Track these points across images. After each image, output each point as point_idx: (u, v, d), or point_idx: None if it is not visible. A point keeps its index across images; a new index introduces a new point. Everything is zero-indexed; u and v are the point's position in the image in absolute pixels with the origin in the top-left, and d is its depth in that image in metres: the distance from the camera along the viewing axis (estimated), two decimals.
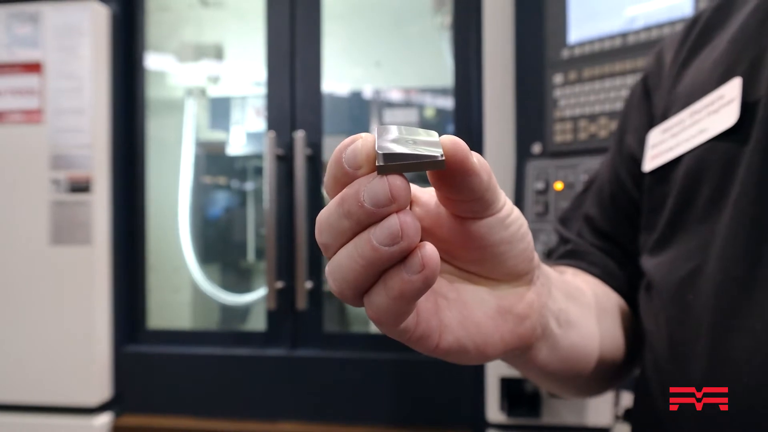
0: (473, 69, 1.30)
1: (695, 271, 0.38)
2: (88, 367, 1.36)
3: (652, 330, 0.42)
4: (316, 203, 1.39)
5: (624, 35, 1.00)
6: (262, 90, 1.87)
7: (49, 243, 1.35)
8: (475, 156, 0.26)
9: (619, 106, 1.00)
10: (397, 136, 0.25)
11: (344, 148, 0.25)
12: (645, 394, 0.43)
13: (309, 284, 1.37)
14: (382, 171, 0.23)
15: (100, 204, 1.36)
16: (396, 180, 0.23)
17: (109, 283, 1.39)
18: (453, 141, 0.25)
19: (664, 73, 0.52)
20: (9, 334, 1.36)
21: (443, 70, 1.74)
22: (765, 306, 0.33)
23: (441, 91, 1.74)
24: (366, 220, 0.24)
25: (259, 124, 1.87)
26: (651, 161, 0.47)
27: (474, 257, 0.30)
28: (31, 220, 1.35)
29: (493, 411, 1.18)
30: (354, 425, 1.31)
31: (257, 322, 1.99)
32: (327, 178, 0.26)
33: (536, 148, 1.11)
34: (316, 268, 1.39)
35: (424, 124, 1.77)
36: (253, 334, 1.43)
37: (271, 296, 1.35)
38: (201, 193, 1.90)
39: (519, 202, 1.13)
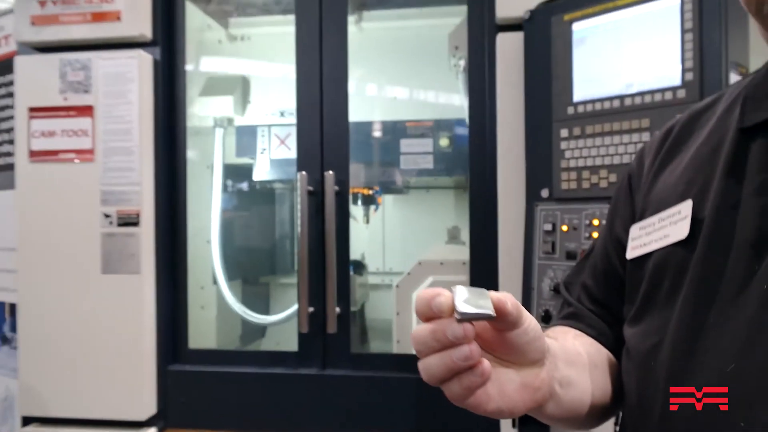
0: (487, 113, 1.50)
1: (657, 345, 0.57)
2: (137, 385, 1.57)
3: (627, 384, 0.62)
4: (343, 234, 1.59)
5: (621, 98, 1.20)
6: (286, 119, 2.08)
7: (101, 272, 1.56)
8: (510, 303, 0.46)
9: (617, 160, 1.20)
10: (467, 297, 0.45)
11: (431, 298, 0.46)
12: (623, 428, 0.63)
13: (338, 309, 1.57)
14: (459, 320, 0.44)
15: (146, 236, 1.57)
16: (468, 326, 0.45)
17: (154, 308, 1.60)
18: (499, 300, 0.46)
19: (642, 177, 0.71)
20: (66, 355, 1.57)
21: (457, 104, 1.95)
22: (698, 376, 0.53)
23: (456, 122, 1.93)
24: (449, 344, 0.45)
25: (282, 152, 2.07)
26: (631, 251, 0.67)
27: (507, 352, 0.51)
28: (85, 250, 1.56)
29: (506, 427, 1.38)
30: None
31: (274, 337, 2.21)
32: (419, 309, 0.46)
33: (544, 192, 1.32)
34: (344, 295, 1.60)
35: (439, 152, 1.96)
36: (286, 354, 1.64)
37: (303, 320, 1.56)
38: (227, 216, 2.10)
39: (529, 241, 1.33)
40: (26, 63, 1.59)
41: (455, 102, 2.01)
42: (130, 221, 1.55)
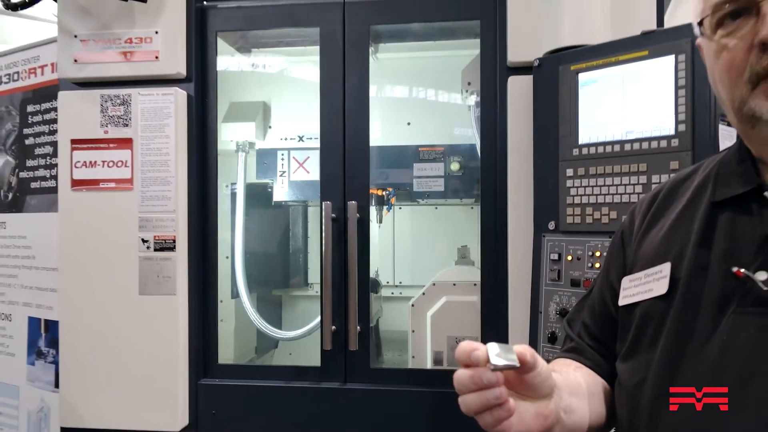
0: (498, 146, 1.64)
1: (641, 381, 0.72)
2: (171, 398, 1.70)
3: (619, 411, 0.77)
4: (364, 258, 1.73)
5: (622, 143, 1.34)
6: (304, 143, 2.22)
7: (138, 293, 1.70)
8: (529, 355, 0.61)
9: (617, 199, 1.35)
10: (498, 352, 0.60)
11: (471, 351, 0.60)
12: None
13: (358, 328, 1.71)
14: (493, 370, 0.58)
15: (181, 260, 1.70)
16: (499, 374, 0.59)
17: (187, 327, 1.73)
18: (522, 354, 0.60)
19: (633, 234, 0.85)
20: (103, 370, 1.71)
21: (467, 130, 2.09)
22: (673, 412, 0.67)
23: (467, 148, 2.07)
24: (484, 387, 0.60)
25: (301, 174, 2.21)
26: (622, 299, 0.81)
27: (525, 389, 0.65)
28: (124, 273, 1.70)
29: None
30: None
31: (287, 349, 2.34)
32: (460, 358, 0.61)
33: (551, 225, 1.46)
34: (364, 314, 1.73)
35: (450, 176, 2.10)
36: (309, 368, 1.78)
37: (327, 338, 1.70)
38: (248, 232, 2.23)
39: (536, 268, 1.47)
40: (69, 98, 1.73)
41: (466, 128, 2.14)
42: (166, 246, 1.68)
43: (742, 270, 0.66)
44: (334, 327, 1.71)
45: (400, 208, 2.48)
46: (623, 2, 1.49)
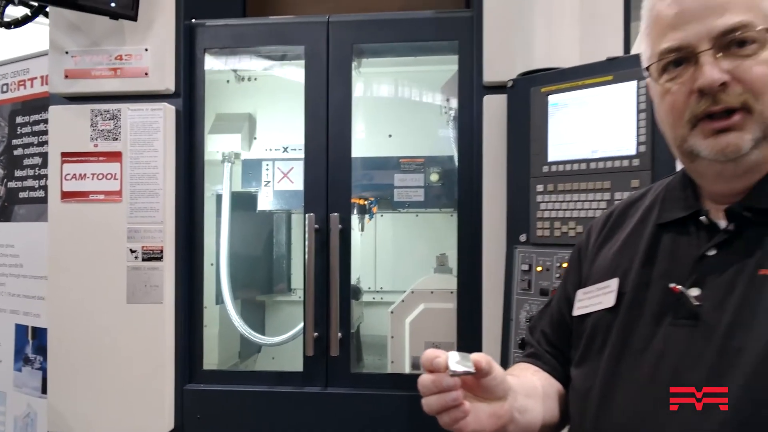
0: (474, 160, 1.72)
1: (590, 387, 0.80)
2: (157, 403, 1.76)
3: (572, 412, 0.85)
4: (346, 267, 1.80)
5: (588, 161, 1.43)
6: (288, 154, 2.29)
7: (126, 302, 1.75)
8: (484, 362, 0.69)
9: (583, 214, 1.44)
10: (458, 359, 0.68)
11: (433, 358, 0.69)
12: None
13: (339, 334, 1.78)
14: (451, 376, 0.67)
15: (168, 270, 1.76)
16: (457, 379, 0.68)
17: (173, 334, 1.79)
18: (477, 361, 0.69)
19: (588, 250, 0.94)
20: (91, 376, 1.76)
21: (447, 142, 2.17)
22: (615, 413, 0.75)
23: (446, 159, 2.15)
24: (444, 390, 0.68)
25: (285, 184, 2.28)
26: (576, 310, 0.90)
27: (482, 391, 0.74)
28: (112, 282, 1.75)
29: None
30: None
31: (269, 353, 2.40)
32: (424, 365, 0.70)
33: (522, 237, 1.54)
34: (345, 320, 1.81)
35: (429, 186, 2.19)
36: (292, 374, 1.84)
37: (309, 344, 1.77)
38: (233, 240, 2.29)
39: (508, 278, 1.56)
40: (59, 112, 1.78)
41: (446, 141, 2.23)
42: (154, 256, 1.74)
43: (678, 286, 0.75)
44: (316, 333, 1.78)
45: (382, 215, 2.55)
46: (592, 29, 1.59)
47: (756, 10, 0.71)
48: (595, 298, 0.87)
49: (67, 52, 1.76)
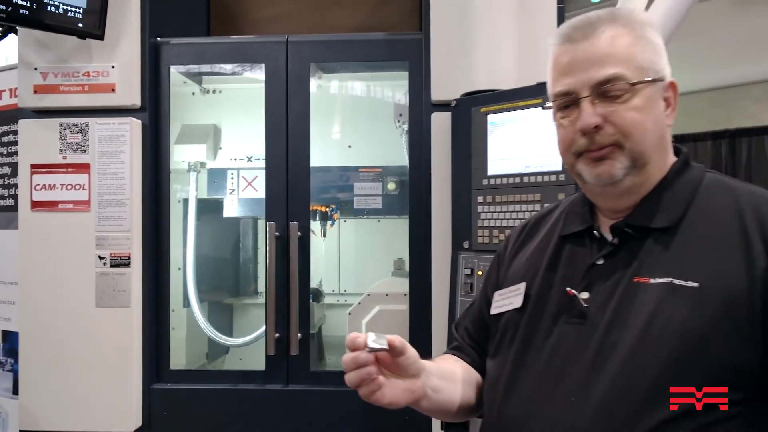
0: (423, 173, 1.86)
1: (499, 377, 0.94)
2: (126, 401, 1.86)
3: (484, 399, 0.99)
4: (305, 271, 1.93)
5: (521, 176, 1.58)
6: (253, 164, 2.40)
7: (95, 305, 1.84)
8: (397, 341, 0.83)
9: (518, 223, 1.58)
10: (374, 339, 0.82)
11: (354, 338, 0.83)
12: (483, 423, 1.01)
13: (299, 335, 1.90)
14: (369, 352, 0.82)
15: (135, 275, 1.86)
16: (372, 355, 0.82)
17: (141, 336, 1.89)
18: (391, 340, 0.83)
19: (505, 257, 1.09)
20: (64, 376, 1.85)
21: (403, 155, 2.31)
22: (516, 400, 0.89)
23: (402, 169, 2.29)
24: (361, 365, 0.82)
25: (249, 192, 2.39)
26: (492, 310, 1.04)
27: (397, 369, 0.87)
28: (81, 287, 1.85)
29: (436, 429, 1.75)
30: None
31: (237, 354, 2.51)
32: (347, 344, 0.83)
33: (466, 244, 1.69)
34: (305, 322, 1.93)
35: (386, 194, 2.33)
36: (255, 372, 1.96)
37: (271, 344, 1.89)
38: (200, 245, 2.39)
39: (453, 281, 1.70)
40: (29, 125, 1.87)
41: (401, 151, 2.37)
42: (121, 263, 1.84)
43: (572, 290, 0.90)
44: (277, 334, 1.90)
45: (345, 221, 2.68)
46: (529, 54, 1.74)
47: (630, 64, 0.86)
48: (508, 299, 1.01)
49: (36, 69, 1.84)
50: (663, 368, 0.77)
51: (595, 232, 0.94)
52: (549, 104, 0.95)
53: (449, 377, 1.00)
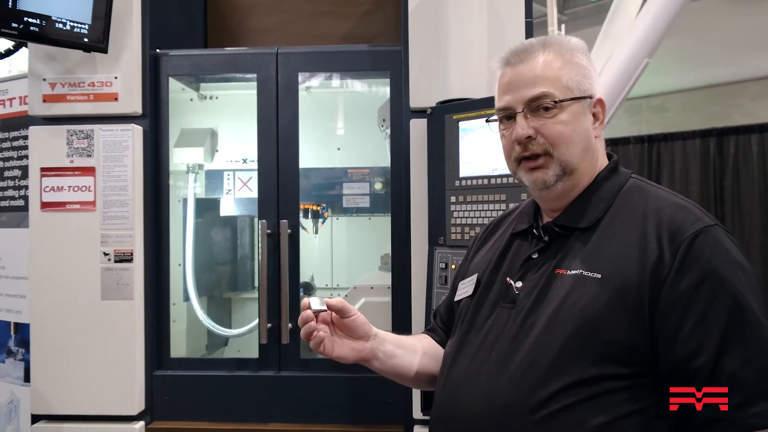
0: (403, 175, 2.00)
1: (449, 353, 1.09)
2: (129, 387, 2.01)
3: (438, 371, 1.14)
4: (295, 266, 2.07)
5: (489, 178, 1.72)
6: (248, 165, 2.54)
7: (100, 299, 1.99)
8: (336, 302, 1.03)
9: (487, 221, 1.73)
10: (318, 302, 1.02)
11: (307, 302, 1.02)
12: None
13: (290, 325, 2.05)
14: (314, 312, 1.01)
15: (138, 270, 2.01)
16: (310, 313, 1.03)
17: (143, 326, 2.04)
18: (329, 301, 1.03)
19: (471, 251, 1.24)
20: (72, 364, 2.00)
21: (386, 157, 2.45)
22: (456, 371, 1.04)
23: (389, 170, 2.43)
24: (307, 321, 1.03)
25: (245, 192, 2.53)
26: (456, 297, 1.19)
27: (346, 330, 1.06)
28: (87, 282, 1.99)
29: (416, 412, 1.90)
30: (324, 424, 2.02)
31: (236, 345, 2.66)
32: (301, 308, 1.01)
33: (441, 240, 1.83)
34: (295, 313, 2.07)
35: (374, 193, 2.47)
36: (249, 360, 2.11)
37: (263, 333, 2.04)
38: (201, 242, 2.54)
39: (430, 274, 1.85)
40: (38, 132, 2.01)
41: (387, 153, 2.51)
42: (125, 258, 1.99)
43: (510, 280, 1.05)
44: (269, 324, 2.05)
45: (337, 218, 2.82)
46: None
47: (557, 84, 1.00)
48: (465, 288, 1.16)
49: (44, 79, 1.99)
50: (564, 344, 0.92)
51: (534, 230, 1.09)
52: (494, 117, 1.10)
53: (408, 347, 1.16)
